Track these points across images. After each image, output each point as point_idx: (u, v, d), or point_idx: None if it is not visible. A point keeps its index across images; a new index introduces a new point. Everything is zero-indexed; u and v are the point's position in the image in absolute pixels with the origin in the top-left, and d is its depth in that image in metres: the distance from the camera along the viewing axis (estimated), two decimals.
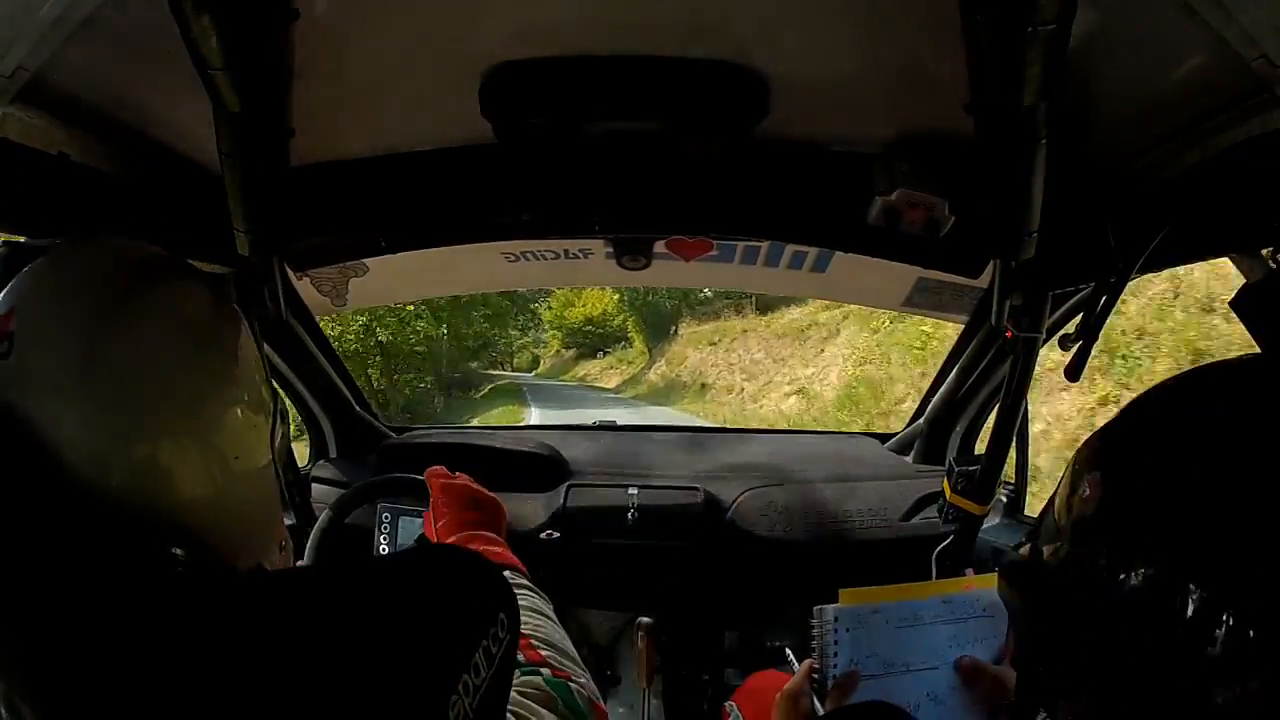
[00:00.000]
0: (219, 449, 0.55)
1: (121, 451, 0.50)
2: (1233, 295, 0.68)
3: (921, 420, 1.74)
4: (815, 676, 0.89)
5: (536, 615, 0.76)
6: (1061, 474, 0.53)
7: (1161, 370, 4.11)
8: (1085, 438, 0.52)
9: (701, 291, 18.10)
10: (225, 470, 0.55)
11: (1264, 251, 0.74)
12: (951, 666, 0.88)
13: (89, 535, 0.47)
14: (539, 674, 0.67)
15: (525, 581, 0.83)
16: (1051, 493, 0.54)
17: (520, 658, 0.68)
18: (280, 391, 1.49)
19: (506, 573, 0.82)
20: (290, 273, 1.39)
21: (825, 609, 0.89)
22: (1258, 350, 0.62)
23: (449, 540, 0.89)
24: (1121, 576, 0.44)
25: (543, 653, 0.70)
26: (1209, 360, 0.54)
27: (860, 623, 0.88)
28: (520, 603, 0.76)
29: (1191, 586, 0.41)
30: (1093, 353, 0.90)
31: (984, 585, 0.91)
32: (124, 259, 0.56)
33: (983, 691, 0.87)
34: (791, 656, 1.11)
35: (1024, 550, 0.55)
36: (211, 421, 0.55)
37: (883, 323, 9.25)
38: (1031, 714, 0.51)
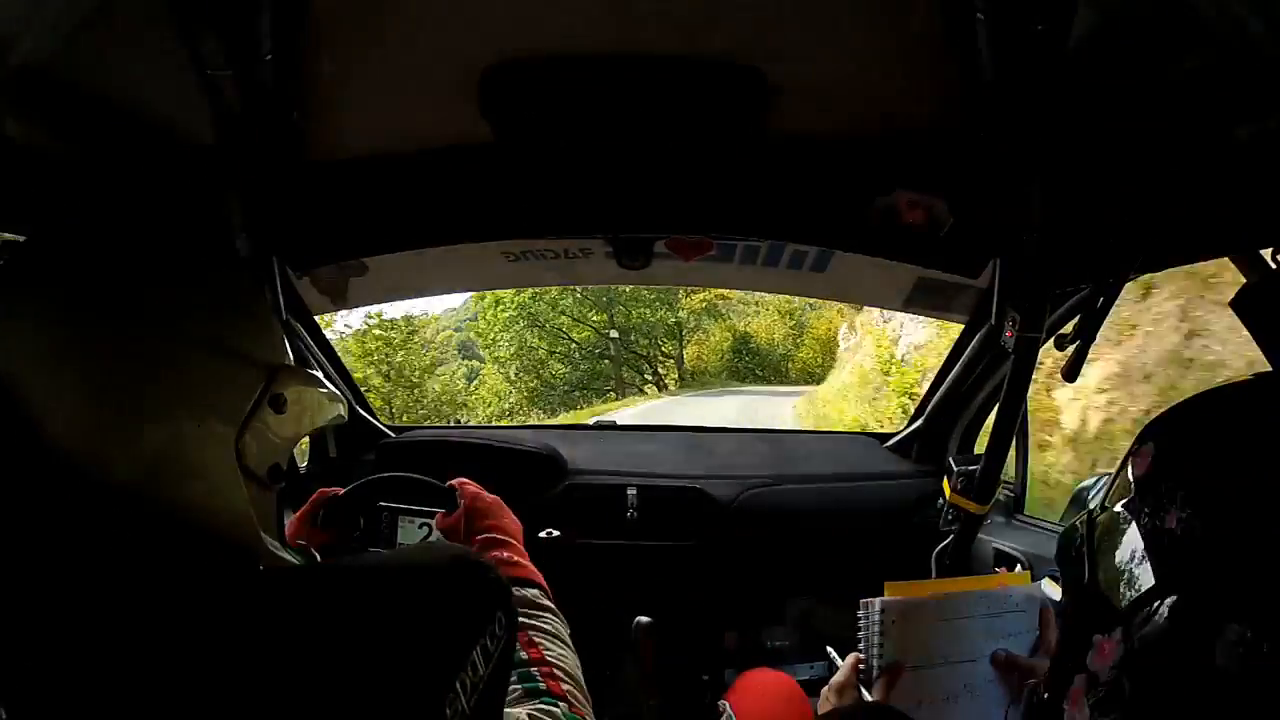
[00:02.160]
0: (189, 433, 0.50)
1: (105, 439, 0.48)
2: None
3: (921, 420, 1.74)
4: (861, 669, 0.91)
5: (559, 643, 0.77)
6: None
7: None
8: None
9: None
10: (220, 460, 0.51)
11: (1264, 252, 0.74)
12: (987, 660, 0.92)
13: (80, 526, 0.47)
14: (557, 707, 0.68)
15: (549, 604, 0.84)
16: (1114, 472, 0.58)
17: (542, 685, 0.69)
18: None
19: (532, 591, 0.83)
20: (290, 273, 1.39)
21: (872, 601, 0.91)
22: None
23: (482, 547, 0.91)
24: (1155, 533, 0.48)
25: (565, 686, 0.71)
26: None
27: (905, 615, 0.91)
28: (543, 626, 0.78)
29: (1209, 556, 0.45)
30: None
31: (1017, 582, 0.96)
32: (115, 245, 0.55)
33: (1015, 682, 0.91)
34: (834, 654, 1.11)
35: (1079, 521, 0.58)
36: (206, 408, 0.51)
37: None
38: (1062, 691, 0.54)
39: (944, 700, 0.89)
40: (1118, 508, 0.54)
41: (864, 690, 0.90)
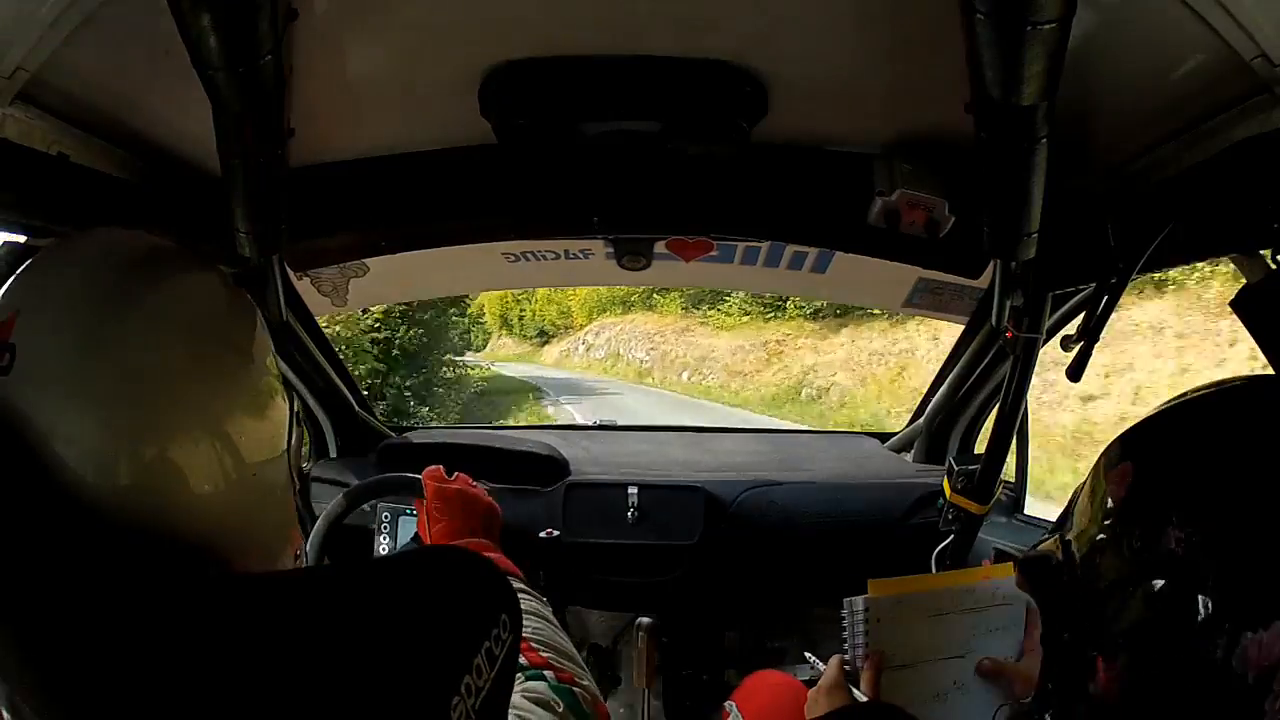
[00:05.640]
0: (230, 450, 0.52)
1: (127, 459, 0.48)
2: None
3: (921, 420, 1.74)
4: (848, 669, 0.90)
5: (535, 618, 0.75)
6: (1090, 471, 0.55)
7: None
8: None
9: None
10: (237, 472, 0.52)
11: (1264, 252, 0.74)
12: (976, 655, 0.91)
13: (92, 543, 0.47)
14: (543, 678, 0.67)
15: (522, 585, 0.83)
16: (1075, 489, 0.55)
17: (522, 660, 0.68)
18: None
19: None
20: (290, 273, 1.39)
21: (855, 600, 0.91)
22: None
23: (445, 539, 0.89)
24: (1152, 556, 0.47)
25: (544, 655, 0.70)
26: None
27: (888, 613, 0.90)
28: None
29: (1218, 567, 0.44)
30: None
31: (1000, 575, 0.94)
32: (126, 252, 0.54)
33: (1007, 684, 0.90)
34: (814, 659, 1.09)
35: (1046, 544, 0.57)
36: (223, 421, 0.52)
37: None
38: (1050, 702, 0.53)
39: (934, 697, 0.88)
40: (1097, 537, 0.52)
41: (853, 689, 0.89)
